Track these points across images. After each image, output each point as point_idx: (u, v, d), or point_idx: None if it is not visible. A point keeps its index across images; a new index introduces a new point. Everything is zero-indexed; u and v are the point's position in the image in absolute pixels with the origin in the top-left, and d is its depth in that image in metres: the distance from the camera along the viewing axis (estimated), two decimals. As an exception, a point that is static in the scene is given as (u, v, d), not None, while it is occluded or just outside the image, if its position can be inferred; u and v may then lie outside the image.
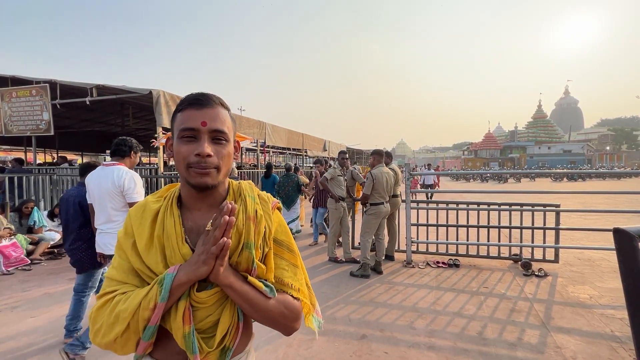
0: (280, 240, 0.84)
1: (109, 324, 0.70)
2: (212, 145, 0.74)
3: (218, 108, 0.77)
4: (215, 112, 0.75)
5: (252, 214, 0.78)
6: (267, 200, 0.86)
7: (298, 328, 0.82)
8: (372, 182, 4.35)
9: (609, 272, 4.26)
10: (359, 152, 27.25)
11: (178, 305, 0.71)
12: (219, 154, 0.74)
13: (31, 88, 7.48)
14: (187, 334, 0.71)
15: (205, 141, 0.73)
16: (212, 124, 0.74)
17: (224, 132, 0.75)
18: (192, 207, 0.80)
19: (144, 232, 0.76)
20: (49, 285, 3.86)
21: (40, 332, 2.80)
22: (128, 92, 6.82)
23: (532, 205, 4.78)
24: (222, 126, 0.75)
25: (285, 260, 0.83)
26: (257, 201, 0.83)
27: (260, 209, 0.81)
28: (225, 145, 0.76)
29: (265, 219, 0.81)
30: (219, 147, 0.75)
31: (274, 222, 0.83)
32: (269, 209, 0.83)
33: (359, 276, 4.16)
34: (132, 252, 0.76)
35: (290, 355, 2.44)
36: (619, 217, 7.31)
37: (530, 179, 30.24)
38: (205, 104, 0.75)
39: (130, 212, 0.82)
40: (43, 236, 5.13)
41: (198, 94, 0.76)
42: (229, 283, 0.71)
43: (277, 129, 11.12)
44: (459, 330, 2.81)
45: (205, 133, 0.73)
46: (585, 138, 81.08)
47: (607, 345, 2.56)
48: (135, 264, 0.76)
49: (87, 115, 11.21)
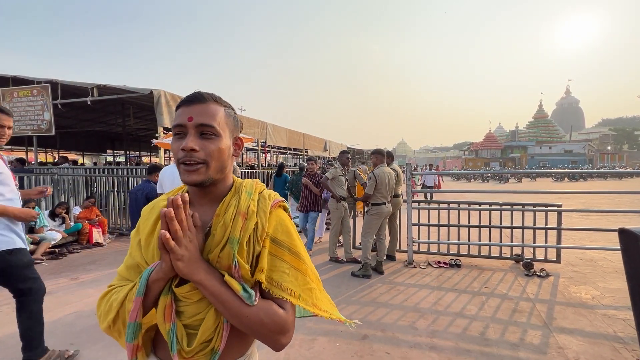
0: (280, 240, 0.78)
1: (105, 312, 0.75)
2: (198, 140, 0.73)
3: (208, 103, 0.76)
4: (204, 107, 0.75)
5: (244, 210, 0.76)
6: (267, 198, 0.81)
7: (285, 342, 0.74)
8: (374, 182, 4.34)
9: (611, 273, 4.24)
10: (360, 152, 27.24)
11: (159, 301, 0.72)
12: (207, 149, 0.73)
13: (32, 88, 7.49)
14: (167, 330, 0.70)
15: (192, 136, 0.72)
16: (198, 118, 0.73)
17: (211, 126, 0.73)
18: (195, 203, 0.80)
19: (147, 227, 0.78)
20: (51, 285, 3.86)
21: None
22: (129, 92, 6.82)
23: (534, 205, 4.76)
24: (209, 120, 0.73)
25: (287, 263, 0.77)
26: (254, 198, 0.80)
27: (255, 205, 0.78)
28: (214, 139, 0.74)
29: (259, 217, 0.76)
30: (206, 141, 0.73)
31: (271, 221, 0.78)
32: (266, 206, 0.79)
33: (360, 276, 4.16)
34: (137, 248, 0.79)
35: (292, 356, 2.44)
36: (621, 217, 7.29)
37: (532, 179, 30.19)
38: (194, 100, 0.75)
39: (143, 210, 0.85)
40: (44, 236, 5.14)
41: (193, 93, 0.77)
42: (198, 279, 0.68)
43: (277, 129, 11.12)
44: (460, 330, 2.80)
45: (192, 128, 0.72)
46: (587, 138, 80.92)
47: (610, 345, 2.55)
48: (136, 258, 0.78)
49: (88, 115, 11.23)
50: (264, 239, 0.76)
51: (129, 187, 6.76)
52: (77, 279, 4.12)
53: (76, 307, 3.28)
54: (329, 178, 4.94)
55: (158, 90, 6.32)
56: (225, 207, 0.77)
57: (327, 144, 16.70)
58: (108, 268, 4.56)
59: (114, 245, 5.97)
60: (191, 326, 0.73)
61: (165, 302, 0.71)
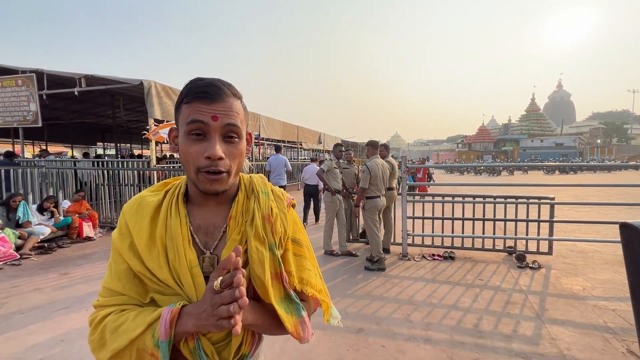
0: (299, 239, 0.77)
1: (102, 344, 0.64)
2: (223, 145, 0.65)
3: (230, 99, 0.67)
4: (228, 104, 0.66)
5: (267, 212, 0.71)
6: (282, 197, 0.77)
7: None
8: (368, 175, 4.31)
9: (601, 264, 4.31)
10: (354, 144, 27.20)
11: None
12: (232, 155, 0.66)
13: (17, 78, 7.25)
14: (192, 349, 0.64)
15: (217, 141, 0.64)
16: (225, 119, 0.64)
17: (237, 127, 0.66)
18: (200, 204, 0.72)
19: (142, 230, 0.68)
20: (39, 280, 3.79)
21: (30, 329, 2.74)
22: (118, 83, 6.64)
23: (527, 198, 4.80)
24: (235, 120, 0.66)
25: (309, 260, 0.77)
26: (272, 197, 0.75)
27: (276, 206, 0.74)
28: (237, 143, 0.67)
29: (281, 218, 0.73)
30: (231, 146, 0.66)
31: (289, 221, 0.76)
32: (284, 206, 0.76)
33: (375, 270, 4.14)
34: (130, 254, 0.68)
35: (287, 350, 2.43)
36: (611, 210, 7.42)
37: (523, 172, 30.56)
38: (216, 96, 0.65)
39: (124, 209, 0.73)
40: (32, 230, 5.02)
41: (207, 82, 0.65)
42: (247, 324, 0.65)
43: (271, 121, 11.01)
44: (455, 323, 2.82)
45: (217, 130, 0.64)
46: (577, 131, 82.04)
47: (601, 336, 2.59)
48: (135, 267, 0.67)
49: (76, 106, 10.94)
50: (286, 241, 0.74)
51: (119, 181, 6.64)
52: (67, 274, 4.04)
53: (66, 303, 3.22)
54: (324, 170, 4.91)
55: (148, 81, 6.16)
56: (240, 208, 0.71)
57: (322, 136, 16.61)
58: (99, 262, 4.48)
59: (105, 239, 5.87)
60: (213, 339, 0.67)
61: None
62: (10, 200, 5.10)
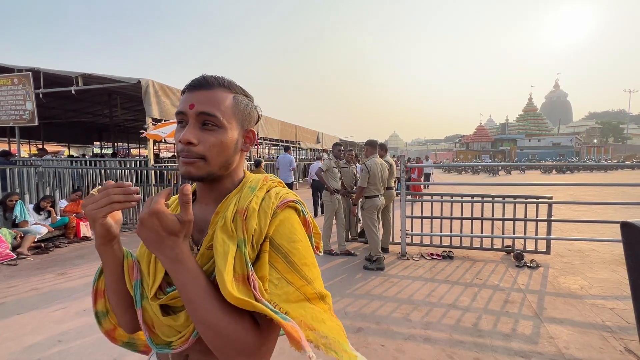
0: (277, 244, 0.64)
1: None
2: (198, 132, 0.65)
3: (214, 89, 0.67)
4: (208, 93, 0.66)
5: (242, 207, 0.65)
6: (274, 197, 0.69)
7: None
8: (367, 174, 4.30)
9: (599, 263, 4.33)
10: (352, 144, 27.20)
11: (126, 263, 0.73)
12: (207, 142, 0.65)
13: (13, 76, 7.19)
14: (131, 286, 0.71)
15: (191, 127, 0.65)
16: (200, 106, 0.65)
17: (214, 116, 0.65)
18: (200, 199, 0.74)
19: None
20: (36, 280, 3.76)
21: (27, 330, 2.72)
22: (115, 82, 6.60)
23: (525, 198, 4.82)
24: (211, 109, 0.65)
25: (278, 272, 0.62)
26: (259, 194, 0.69)
27: (257, 203, 0.66)
28: (216, 132, 0.66)
29: (260, 217, 0.65)
30: (207, 133, 0.65)
31: (272, 223, 0.66)
32: (268, 206, 0.67)
33: (374, 269, 4.14)
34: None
35: (286, 350, 2.42)
36: (608, 209, 7.46)
37: (521, 172, 30.67)
38: (198, 85, 0.67)
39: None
40: (29, 230, 4.98)
41: (198, 77, 0.69)
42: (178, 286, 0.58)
43: (269, 120, 10.97)
44: (454, 322, 2.83)
45: (192, 117, 0.65)
46: (574, 131, 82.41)
47: (599, 334, 2.60)
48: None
49: (73, 105, 10.88)
50: (261, 243, 0.64)
51: (117, 180, 6.60)
52: (64, 274, 4.01)
53: (64, 303, 3.20)
54: (323, 170, 4.90)
55: (146, 79, 6.13)
56: (226, 204, 0.68)
57: (320, 136, 16.60)
58: (97, 262, 4.45)
59: (103, 239, 5.84)
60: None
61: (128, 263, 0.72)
62: (6, 200, 5.06)
